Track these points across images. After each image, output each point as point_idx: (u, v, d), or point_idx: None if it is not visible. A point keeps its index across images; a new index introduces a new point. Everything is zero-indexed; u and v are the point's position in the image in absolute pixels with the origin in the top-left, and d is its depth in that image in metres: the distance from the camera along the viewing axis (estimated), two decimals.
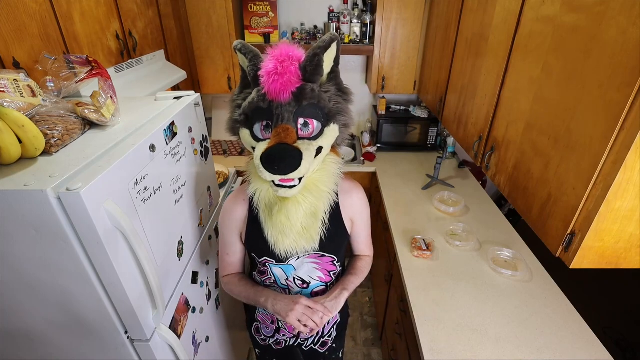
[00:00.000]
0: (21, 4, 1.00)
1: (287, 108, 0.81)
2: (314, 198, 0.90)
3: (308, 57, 0.81)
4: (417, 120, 2.45)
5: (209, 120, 2.72)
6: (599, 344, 1.14)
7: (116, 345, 0.92)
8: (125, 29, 1.53)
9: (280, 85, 0.79)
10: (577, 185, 0.82)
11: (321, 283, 1.05)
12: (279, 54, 0.80)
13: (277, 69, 0.79)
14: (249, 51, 0.85)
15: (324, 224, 0.94)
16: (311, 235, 0.93)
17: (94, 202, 0.70)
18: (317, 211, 0.91)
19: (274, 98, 0.81)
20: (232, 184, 2.19)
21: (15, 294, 0.83)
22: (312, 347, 1.18)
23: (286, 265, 1.00)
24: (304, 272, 1.02)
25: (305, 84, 0.82)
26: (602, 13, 0.76)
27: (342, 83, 0.91)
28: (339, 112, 0.87)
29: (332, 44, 0.82)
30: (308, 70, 0.81)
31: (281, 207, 0.90)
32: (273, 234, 0.92)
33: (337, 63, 0.87)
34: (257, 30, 2.32)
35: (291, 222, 0.90)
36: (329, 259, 1.02)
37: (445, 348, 1.14)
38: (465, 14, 1.58)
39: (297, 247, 0.93)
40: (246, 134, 0.88)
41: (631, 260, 0.85)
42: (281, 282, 1.04)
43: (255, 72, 0.83)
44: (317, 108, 0.83)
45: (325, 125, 0.86)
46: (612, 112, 0.72)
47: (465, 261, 1.51)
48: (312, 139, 0.84)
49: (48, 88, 0.96)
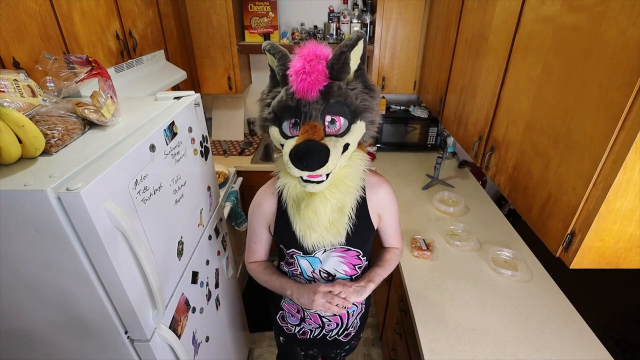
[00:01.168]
0: (21, 4, 1.00)
1: (314, 106, 0.83)
2: (340, 193, 0.93)
3: (335, 56, 0.83)
4: (417, 120, 2.45)
5: (209, 120, 2.72)
6: (599, 344, 1.14)
7: (116, 345, 0.92)
8: (125, 29, 1.53)
9: (308, 84, 0.81)
10: (577, 185, 0.82)
11: (346, 276, 1.07)
12: (307, 53, 0.82)
13: (304, 68, 0.80)
14: (278, 51, 0.87)
15: (351, 219, 0.96)
16: (338, 229, 0.95)
17: (94, 202, 0.70)
18: (343, 206, 0.94)
19: (302, 96, 0.82)
20: (232, 184, 2.19)
21: (15, 294, 0.83)
22: (336, 337, 1.21)
23: (313, 258, 1.03)
24: (330, 265, 1.04)
25: (333, 82, 0.83)
26: (602, 13, 0.76)
27: (369, 80, 0.92)
28: (366, 109, 0.88)
29: (359, 41, 0.83)
30: (335, 68, 0.83)
31: (309, 203, 0.93)
32: (301, 227, 0.95)
33: (364, 60, 0.89)
34: (257, 30, 2.32)
35: (318, 217, 0.93)
36: (354, 253, 1.05)
37: (445, 348, 1.14)
38: (465, 14, 1.58)
39: (323, 241, 0.96)
40: (275, 131, 0.90)
41: (631, 260, 0.85)
42: (307, 274, 1.07)
43: (283, 72, 0.85)
44: (344, 105, 0.85)
45: (352, 122, 0.87)
46: (612, 112, 0.72)
47: (465, 261, 1.51)
48: (339, 136, 0.86)
49: (48, 88, 0.96)
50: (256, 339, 2.17)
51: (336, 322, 1.17)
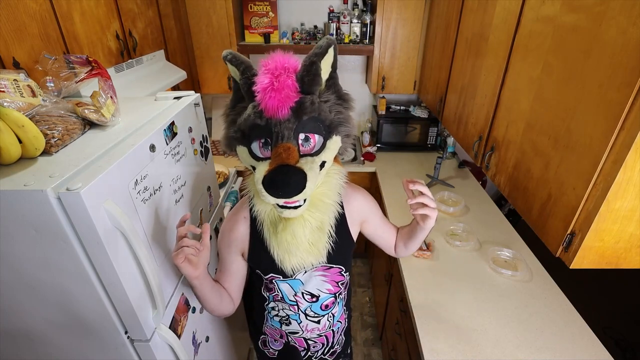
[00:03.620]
0: (21, 4, 1.00)
1: (286, 125, 0.75)
2: (320, 213, 0.87)
3: (305, 67, 0.75)
4: (417, 120, 2.45)
5: (209, 120, 2.72)
6: (599, 344, 1.14)
7: (116, 345, 0.92)
8: (125, 29, 1.53)
9: (277, 102, 0.73)
10: (577, 185, 0.82)
11: (330, 295, 1.01)
12: (274, 67, 0.74)
13: (273, 85, 0.73)
14: (240, 62, 0.79)
15: (331, 236, 0.90)
16: (319, 249, 0.89)
17: (94, 202, 0.70)
18: (323, 225, 0.88)
19: (271, 115, 0.75)
20: (232, 184, 2.19)
21: (15, 294, 0.83)
22: (322, 357, 1.14)
23: (294, 280, 0.96)
24: (312, 285, 0.98)
25: (304, 97, 0.76)
26: (602, 13, 0.76)
27: (342, 89, 0.86)
28: (340, 122, 0.82)
29: (329, 49, 0.76)
30: (306, 80, 0.75)
31: (286, 226, 0.85)
32: (279, 252, 0.89)
33: (335, 68, 0.82)
34: (257, 30, 2.32)
35: (297, 240, 0.86)
36: (336, 270, 0.99)
37: (445, 348, 1.14)
38: (465, 14, 1.58)
39: (304, 263, 0.89)
40: (244, 151, 0.83)
41: (631, 260, 0.85)
42: (289, 299, 0.99)
43: (248, 86, 0.77)
44: (318, 121, 0.78)
45: (327, 138, 0.80)
46: (612, 112, 0.72)
47: (465, 261, 1.51)
48: (314, 154, 0.79)
49: (48, 88, 0.96)
50: None
51: (322, 343, 1.10)
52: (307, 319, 1.02)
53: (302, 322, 1.03)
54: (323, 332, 1.07)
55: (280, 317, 1.04)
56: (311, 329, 1.04)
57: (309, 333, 1.05)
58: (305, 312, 1.01)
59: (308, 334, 1.05)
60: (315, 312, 1.01)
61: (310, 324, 1.03)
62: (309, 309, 1.01)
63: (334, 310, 1.05)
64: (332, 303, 1.03)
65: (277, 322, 1.06)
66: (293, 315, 1.02)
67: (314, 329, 1.05)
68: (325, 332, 1.07)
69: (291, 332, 1.06)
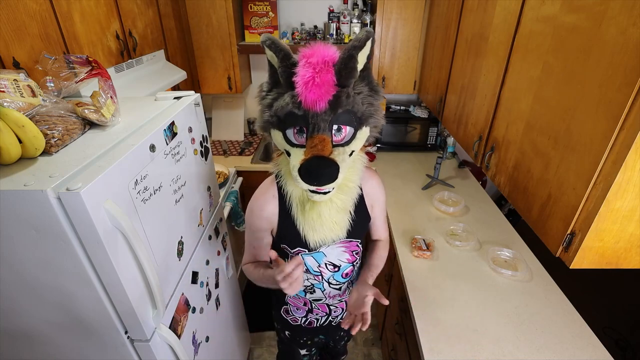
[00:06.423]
0: (21, 4, 1.00)
1: (322, 117, 0.79)
2: (344, 195, 0.96)
3: (343, 60, 0.77)
4: (417, 120, 2.45)
5: (209, 120, 2.72)
6: (599, 344, 1.14)
7: (116, 345, 0.92)
8: (125, 29, 1.53)
9: (317, 96, 0.77)
10: (577, 185, 0.82)
11: (349, 264, 1.11)
12: (316, 62, 0.76)
13: (314, 80, 0.76)
14: (279, 49, 0.80)
15: (352, 215, 1.00)
16: (341, 227, 0.99)
17: (94, 202, 0.70)
18: (346, 206, 0.97)
19: (310, 108, 0.78)
20: (232, 184, 2.19)
21: (16, 294, 0.83)
22: (339, 320, 1.25)
23: (317, 253, 1.05)
24: (334, 256, 1.07)
25: (341, 91, 0.79)
26: (602, 13, 0.76)
27: (374, 80, 0.88)
28: (371, 114, 0.86)
29: (367, 42, 0.77)
30: (343, 74, 0.78)
31: (313, 205, 0.94)
32: (305, 228, 0.97)
33: (370, 58, 0.84)
34: (257, 30, 2.32)
35: (322, 219, 0.95)
36: (355, 243, 1.09)
37: (445, 348, 1.14)
38: (465, 14, 1.58)
39: (326, 239, 0.99)
40: (279, 136, 0.86)
41: (631, 260, 0.85)
42: (313, 270, 1.08)
43: (287, 75, 0.79)
44: (351, 113, 0.82)
45: (358, 129, 0.85)
46: (612, 112, 0.72)
47: (465, 261, 1.51)
48: (344, 144, 0.84)
49: (48, 88, 0.96)
50: (256, 339, 2.17)
51: (342, 308, 1.21)
52: (330, 287, 1.13)
53: (326, 290, 1.13)
54: (344, 297, 1.19)
55: (305, 286, 1.13)
56: (333, 296, 1.16)
57: (331, 299, 1.17)
58: (329, 280, 1.11)
59: (330, 300, 1.17)
60: (337, 280, 1.12)
61: (333, 291, 1.14)
62: (331, 278, 1.11)
63: (353, 277, 1.16)
64: (351, 271, 1.13)
65: (301, 292, 1.15)
66: (317, 284, 1.11)
67: (335, 295, 1.16)
68: (345, 297, 1.19)
69: (315, 299, 1.16)
